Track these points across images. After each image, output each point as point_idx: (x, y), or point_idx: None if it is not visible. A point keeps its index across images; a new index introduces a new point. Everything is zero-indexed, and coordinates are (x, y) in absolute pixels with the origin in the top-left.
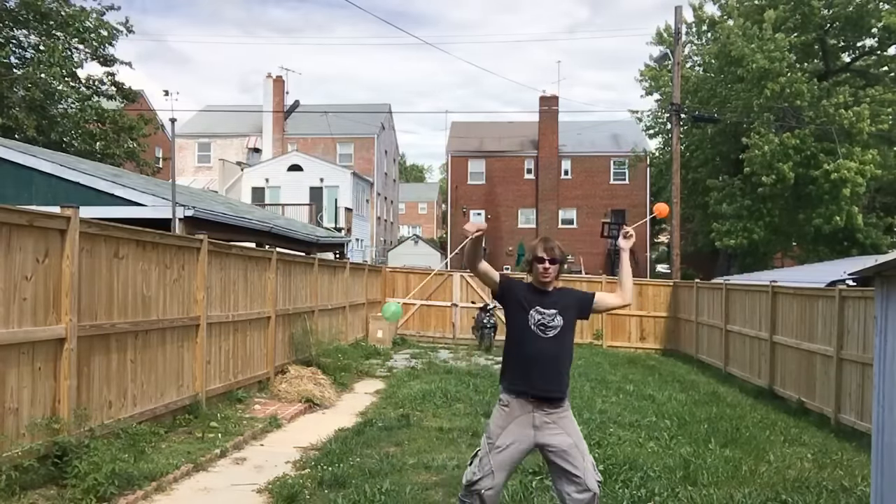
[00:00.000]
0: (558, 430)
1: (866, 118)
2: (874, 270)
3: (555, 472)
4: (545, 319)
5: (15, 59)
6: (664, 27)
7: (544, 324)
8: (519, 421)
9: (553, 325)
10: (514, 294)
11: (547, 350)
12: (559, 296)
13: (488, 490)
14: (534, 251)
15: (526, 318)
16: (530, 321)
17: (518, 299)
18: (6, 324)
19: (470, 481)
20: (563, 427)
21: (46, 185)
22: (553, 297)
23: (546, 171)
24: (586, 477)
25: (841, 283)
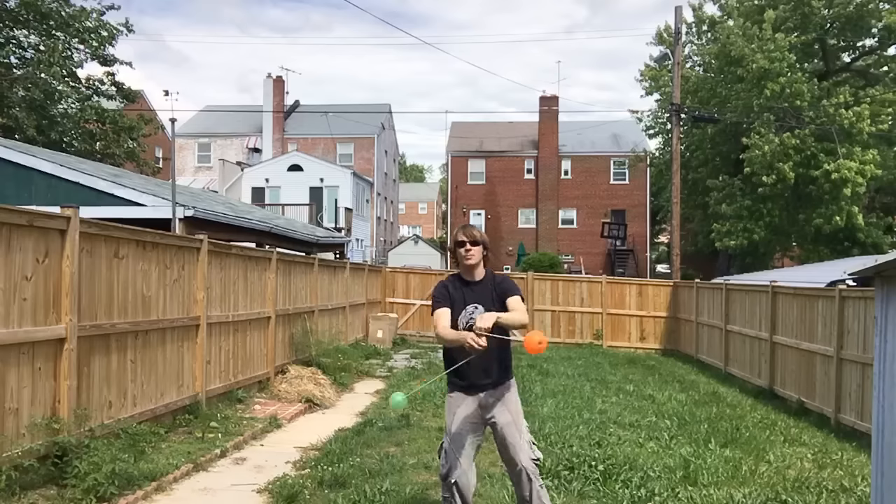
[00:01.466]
0: (502, 406)
1: (866, 118)
2: (874, 270)
3: (498, 447)
4: (472, 315)
5: (15, 59)
6: (664, 27)
7: (471, 322)
8: (465, 403)
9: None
10: (450, 296)
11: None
12: (484, 287)
13: (460, 477)
14: (454, 238)
15: (457, 317)
16: (460, 320)
17: (453, 299)
18: (6, 324)
19: (441, 475)
20: (506, 403)
21: (46, 185)
22: (478, 289)
23: (546, 171)
24: (519, 452)
25: (841, 283)
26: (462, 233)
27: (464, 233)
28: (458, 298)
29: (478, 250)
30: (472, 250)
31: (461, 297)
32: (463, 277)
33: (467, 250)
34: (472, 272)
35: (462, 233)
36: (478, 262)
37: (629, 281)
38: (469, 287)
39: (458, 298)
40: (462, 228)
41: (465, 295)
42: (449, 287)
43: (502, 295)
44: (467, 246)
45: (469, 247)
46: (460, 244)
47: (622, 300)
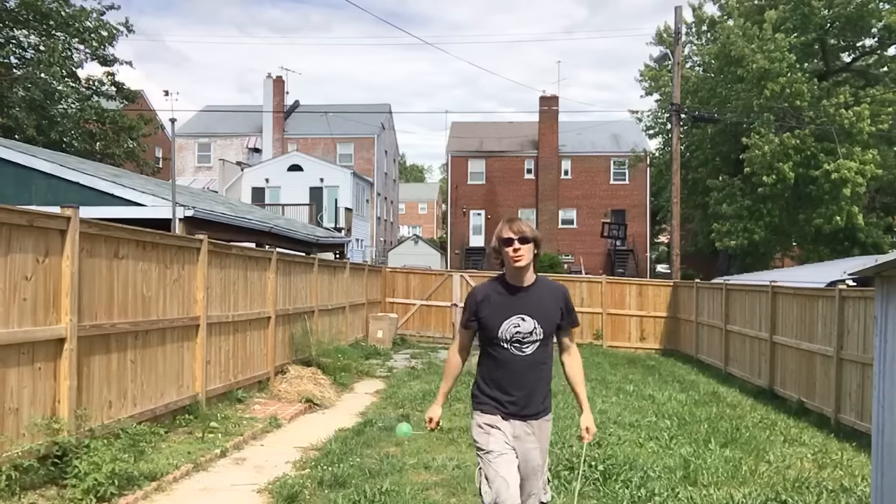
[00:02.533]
0: (536, 446)
1: (866, 118)
2: (874, 270)
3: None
4: (522, 330)
5: (15, 59)
6: (664, 27)
7: (520, 338)
8: (502, 425)
9: (531, 338)
10: (490, 304)
11: (524, 370)
12: (536, 296)
13: (508, 502)
14: (499, 234)
15: (496, 326)
16: (502, 332)
17: (493, 306)
18: (6, 324)
19: (493, 502)
20: (541, 441)
21: (46, 185)
22: (528, 298)
23: (546, 171)
24: (531, 497)
25: (841, 283)
26: (508, 228)
27: (511, 227)
28: (500, 306)
29: (528, 249)
30: (521, 249)
31: (504, 304)
32: (508, 282)
33: (516, 250)
34: (521, 276)
35: (508, 228)
36: (528, 265)
37: (629, 281)
38: (516, 295)
39: (501, 306)
40: (508, 222)
41: (509, 303)
42: (490, 294)
43: (565, 315)
44: (516, 244)
45: (518, 245)
46: (507, 242)
47: (622, 300)
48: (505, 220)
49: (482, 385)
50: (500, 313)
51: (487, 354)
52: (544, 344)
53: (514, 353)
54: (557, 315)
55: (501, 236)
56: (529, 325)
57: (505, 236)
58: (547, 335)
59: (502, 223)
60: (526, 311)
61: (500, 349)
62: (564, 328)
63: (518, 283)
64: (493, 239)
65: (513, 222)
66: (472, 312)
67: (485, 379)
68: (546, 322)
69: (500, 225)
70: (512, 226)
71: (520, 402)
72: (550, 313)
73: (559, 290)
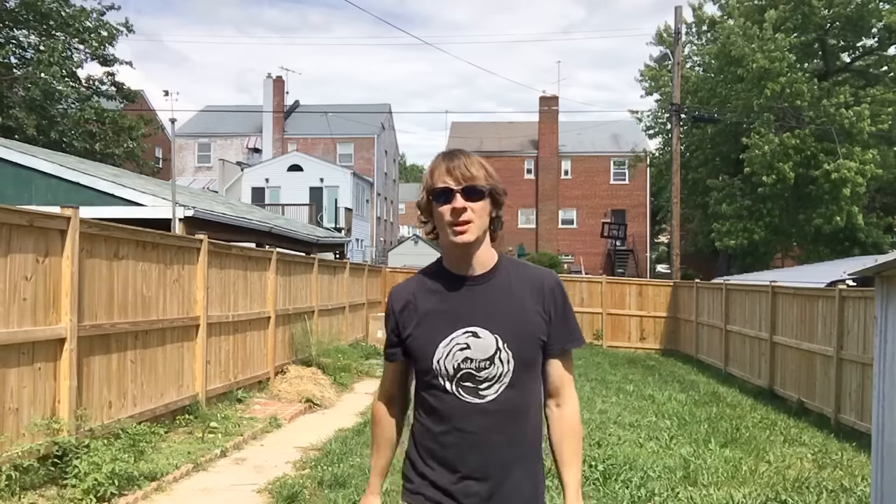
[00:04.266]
0: None
1: (866, 118)
2: (874, 270)
3: None
4: (474, 355)
5: (15, 59)
6: (664, 27)
7: (472, 371)
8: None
9: (492, 370)
10: (411, 317)
11: (485, 432)
12: (504, 291)
13: None
14: (429, 182)
15: (431, 360)
16: (439, 363)
17: (419, 319)
18: (6, 324)
19: None
20: None
21: (46, 185)
22: (483, 295)
23: (546, 171)
24: None
25: (841, 283)
26: (446, 170)
27: (449, 170)
28: (434, 315)
29: (481, 210)
30: (467, 211)
31: (440, 312)
32: (447, 270)
33: (457, 211)
34: (468, 257)
35: (446, 170)
36: (478, 238)
37: (629, 281)
38: (461, 291)
39: (436, 315)
40: (446, 159)
41: (450, 307)
42: (417, 296)
43: (555, 324)
44: (457, 201)
45: (461, 202)
46: (441, 196)
47: (622, 300)
48: (441, 156)
49: (414, 458)
50: (435, 328)
51: (423, 403)
52: (520, 380)
53: (463, 398)
54: (539, 325)
55: (433, 186)
56: (487, 345)
57: (438, 186)
58: (524, 362)
59: (435, 161)
60: (480, 321)
61: (438, 393)
62: (553, 350)
63: (463, 271)
64: (420, 191)
65: (453, 159)
66: (391, 332)
67: (418, 448)
68: (519, 337)
69: (432, 165)
70: (452, 166)
71: (482, 494)
72: (526, 321)
73: (543, 278)
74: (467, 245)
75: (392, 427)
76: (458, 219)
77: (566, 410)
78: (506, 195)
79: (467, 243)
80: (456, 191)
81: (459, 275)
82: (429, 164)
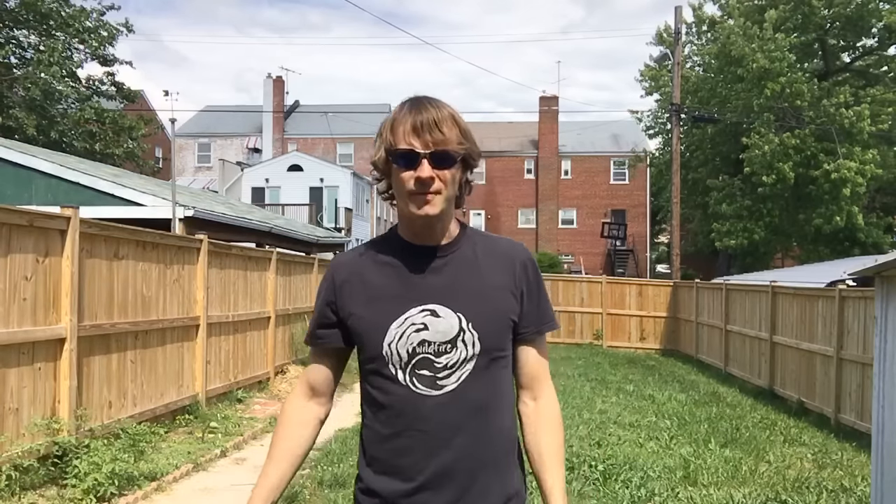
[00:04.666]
0: None
1: (866, 118)
2: (874, 270)
3: None
4: (432, 337)
5: (15, 59)
6: (664, 27)
7: (430, 356)
8: None
9: (455, 354)
10: (355, 293)
11: (445, 428)
12: (468, 265)
13: None
14: (390, 140)
15: (381, 343)
16: (390, 346)
17: (362, 306)
18: (6, 324)
19: None
20: None
21: (46, 185)
22: (453, 271)
23: (546, 171)
24: None
25: (841, 283)
26: (412, 129)
27: (416, 128)
28: (385, 290)
29: (449, 180)
30: (435, 182)
31: (394, 287)
32: (403, 238)
33: (422, 181)
34: (430, 229)
35: (412, 129)
36: (443, 210)
37: (629, 281)
38: (418, 263)
39: (388, 291)
40: (412, 111)
41: (404, 283)
42: (364, 269)
43: (526, 305)
44: (424, 169)
45: (428, 171)
46: (404, 160)
47: (622, 300)
48: (407, 107)
49: (364, 475)
50: (387, 306)
51: (370, 399)
52: (487, 367)
53: (417, 390)
54: (509, 303)
55: (395, 145)
56: (448, 326)
57: (401, 147)
58: (492, 345)
59: (400, 113)
60: (440, 298)
61: (388, 384)
62: (526, 334)
63: (422, 242)
64: (376, 149)
65: (421, 112)
66: (323, 310)
67: (368, 458)
68: (486, 316)
69: (395, 115)
70: (419, 122)
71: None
72: (495, 297)
73: (513, 252)
74: (431, 217)
75: (302, 434)
76: (423, 189)
77: (542, 404)
78: (479, 158)
79: (431, 216)
80: (423, 156)
81: (417, 245)
82: (391, 111)
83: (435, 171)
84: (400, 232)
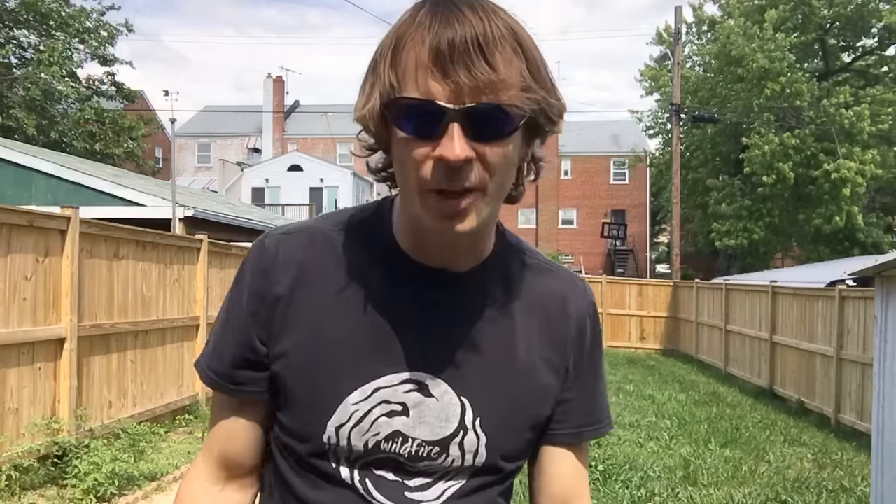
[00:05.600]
0: None
1: (866, 118)
2: (874, 270)
3: None
4: (411, 437)
5: (15, 59)
6: (664, 27)
7: (400, 459)
8: None
9: (437, 465)
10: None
11: None
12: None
13: None
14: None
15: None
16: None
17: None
18: (6, 324)
19: None
20: None
21: (46, 185)
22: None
23: (546, 171)
24: None
25: (841, 283)
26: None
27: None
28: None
29: (504, 159)
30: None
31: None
32: (403, 249)
33: (448, 166)
34: (454, 247)
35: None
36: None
37: (629, 281)
38: (417, 296)
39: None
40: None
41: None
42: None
43: (573, 392)
44: (452, 142)
45: (461, 144)
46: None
47: (622, 300)
48: (426, 11)
49: None
50: (346, 359)
51: (286, 486)
52: (485, 487)
53: (372, 499)
54: (548, 393)
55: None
56: (443, 415)
57: (410, 97)
58: (504, 455)
59: (411, 24)
60: (436, 364)
61: (323, 485)
62: (565, 435)
63: (432, 261)
64: (365, 95)
65: (451, 21)
66: (246, 332)
67: None
68: (504, 416)
69: (402, 30)
70: (447, 41)
71: None
72: (525, 385)
73: (571, 300)
74: (460, 236)
75: None
76: (453, 184)
77: None
78: (563, 116)
79: (461, 234)
80: (451, 116)
81: (422, 264)
82: (400, 19)
83: (477, 144)
84: (398, 233)
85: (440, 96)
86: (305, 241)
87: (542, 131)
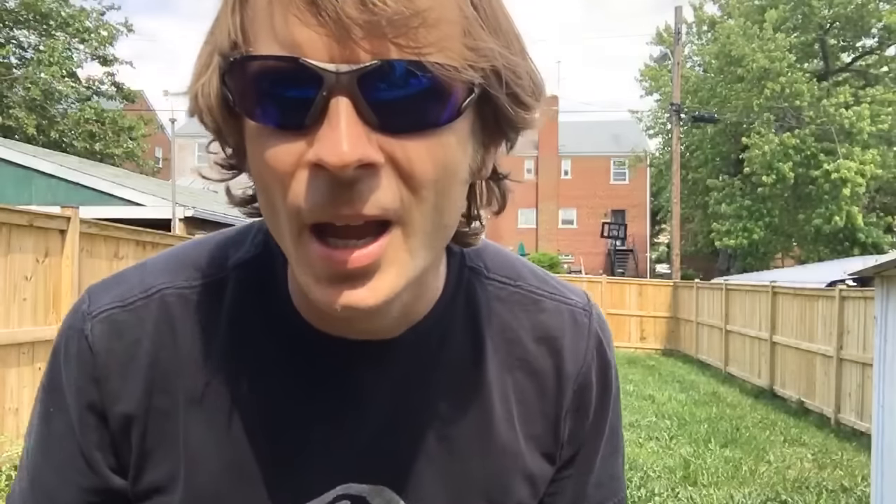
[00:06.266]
0: None
1: (866, 118)
2: (874, 270)
3: None
4: None
5: (15, 59)
6: (664, 27)
7: None
8: None
9: None
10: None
11: None
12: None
13: None
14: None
15: None
16: None
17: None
18: (6, 324)
19: None
20: None
21: (46, 185)
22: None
23: (546, 171)
24: None
25: (841, 283)
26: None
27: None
28: (249, 439)
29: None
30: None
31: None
32: (303, 316)
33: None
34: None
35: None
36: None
37: (629, 281)
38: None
39: (256, 440)
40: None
41: (299, 425)
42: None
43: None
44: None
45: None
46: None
47: (622, 300)
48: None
49: None
50: (256, 492)
51: None
52: None
53: None
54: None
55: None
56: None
57: (265, 55)
58: None
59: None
60: (375, 467)
61: None
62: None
63: (355, 332)
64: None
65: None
66: (90, 454)
67: None
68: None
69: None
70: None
71: None
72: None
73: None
74: (362, 312)
75: None
76: (340, 211)
77: None
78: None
79: (361, 311)
80: (335, 80)
81: (332, 336)
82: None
83: (385, 139)
84: (294, 290)
85: (313, 50)
86: (155, 319)
87: (505, 120)
